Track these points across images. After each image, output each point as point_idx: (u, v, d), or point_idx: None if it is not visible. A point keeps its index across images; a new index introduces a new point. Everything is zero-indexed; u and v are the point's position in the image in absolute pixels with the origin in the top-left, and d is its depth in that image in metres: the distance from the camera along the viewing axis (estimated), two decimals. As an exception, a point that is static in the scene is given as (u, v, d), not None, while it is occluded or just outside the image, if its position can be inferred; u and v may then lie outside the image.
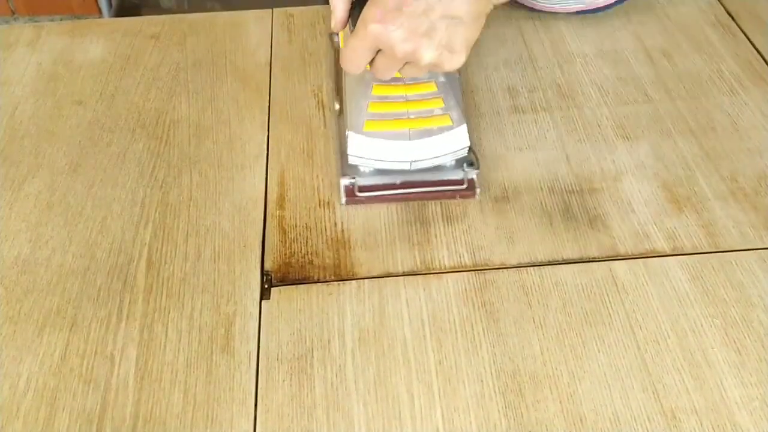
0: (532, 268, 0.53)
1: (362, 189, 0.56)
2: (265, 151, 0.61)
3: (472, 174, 0.57)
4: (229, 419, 0.45)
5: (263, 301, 0.51)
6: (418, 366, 0.47)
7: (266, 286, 0.52)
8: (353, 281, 0.52)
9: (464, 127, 0.55)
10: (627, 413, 0.45)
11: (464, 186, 0.56)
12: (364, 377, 0.47)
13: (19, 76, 0.69)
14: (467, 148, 0.56)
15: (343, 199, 0.56)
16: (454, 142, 0.55)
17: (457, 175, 0.57)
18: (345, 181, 0.56)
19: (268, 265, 0.53)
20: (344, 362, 0.48)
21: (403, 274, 0.53)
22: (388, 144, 0.54)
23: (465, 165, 0.57)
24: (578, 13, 0.73)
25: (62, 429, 0.45)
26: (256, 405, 0.46)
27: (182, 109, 0.66)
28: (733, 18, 0.74)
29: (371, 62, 0.51)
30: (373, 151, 0.54)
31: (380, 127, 0.54)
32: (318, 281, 0.52)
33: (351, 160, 0.56)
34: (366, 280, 0.52)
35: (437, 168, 0.56)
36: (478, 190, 0.57)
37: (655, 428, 0.44)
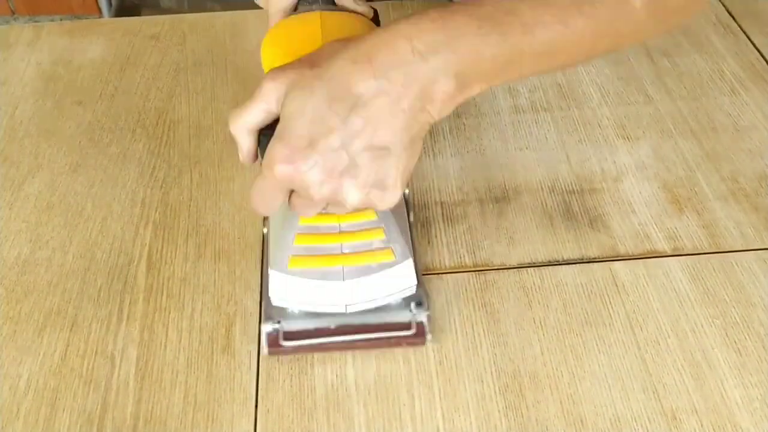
0: (532, 268, 0.53)
1: (289, 336, 0.47)
2: (266, 151, 0.61)
3: (422, 316, 0.47)
4: (230, 419, 0.45)
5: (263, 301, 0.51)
6: (419, 366, 0.47)
7: (266, 286, 0.52)
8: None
9: (410, 261, 0.46)
10: (627, 414, 0.45)
11: (412, 331, 0.47)
12: (365, 378, 0.47)
13: (19, 76, 0.69)
14: (414, 286, 0.47)
15: (265, 350, 0.47)
16: (398, 281, 0.46)
17: (404, 318, 0.47)
18: (267, 328, 0.47)
19: (268, 266, 0.53)
20: (344, 363, 0.48)
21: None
22: (317, 285, 0.46)
23: (413, 305, 0.47)
24: None
25: (63, 429, 0.45)
26: (256, 405, 0.46)
27: (182, 109, 0.66)
28: (734, 18, 0.74)
29: (289, 199, 0.42)
30: (300, 292, 0.46)
31: (308, 264, 0.46)
32: (318, 281, 0.52)
33: (275, 302, 0.47)
34: (366, 280, 0.52)
35: (380, 308, 0.47)
36: (429, 336, 0.47)
37: (656, 429, 0.44)
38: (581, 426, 0.44)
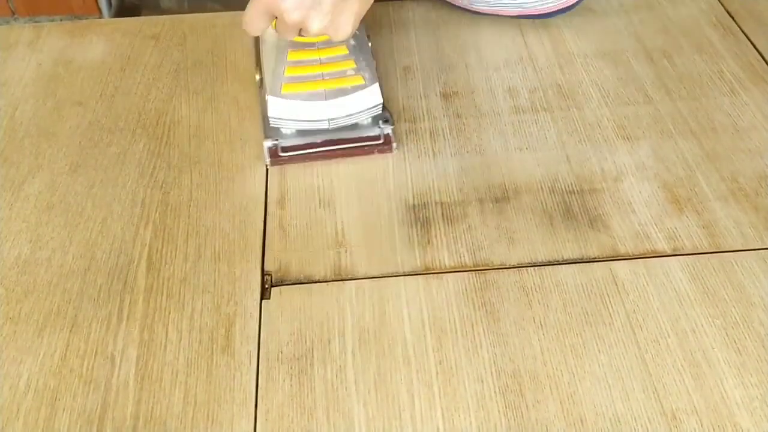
0: (532, 268, 0.53)
1: (285, 149, 0.59)
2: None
3: (388, 130, 0.60)
4: (230, 419, 0.45)
5: (263, 302, 0.51)
6: (419, 366, 0.47)
7: (266, 286, 0.52)
8: (353, 281, 0.52)
9: (377, 85, 0.58)
10: (627, 414, 0.45)
11: (381, 141, 0.60)
12: (365, 377, 0.47)
13: (19, 77, 0.69)
14: (381, 106, 0.59)
15: (267, 160, 0.59)
16: (368, 100, 0.58)
17: (374, 132, 0.60)
18: (268, 143, 0.59)
19: (268, 266, 0.53)
20: (344, 362, 0.48)
21: (404, 274, 0.53)
22: (305, 105, 0.57)
23: (381, 122, 0.60)
24: (518, 17, 0.73)
25: (62, 429, 0.45)
26: (256, 405, 0.46)
27: (182, 109, 0.66)
28: (733, 18, 0.74)
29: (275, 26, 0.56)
30: (292, 112, 0.58)
31: (297, 89, 0.57)
32: (318, 281, 0.52)
33: (272, 123, 0.59)
34: (366, 280, 0.52)
35: (355, 126, 0.60)
36: (394, 145, 0.61)
37: (656, 429, 0.44)
38: (581, 426, 0.44)
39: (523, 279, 0.52)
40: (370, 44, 0.64)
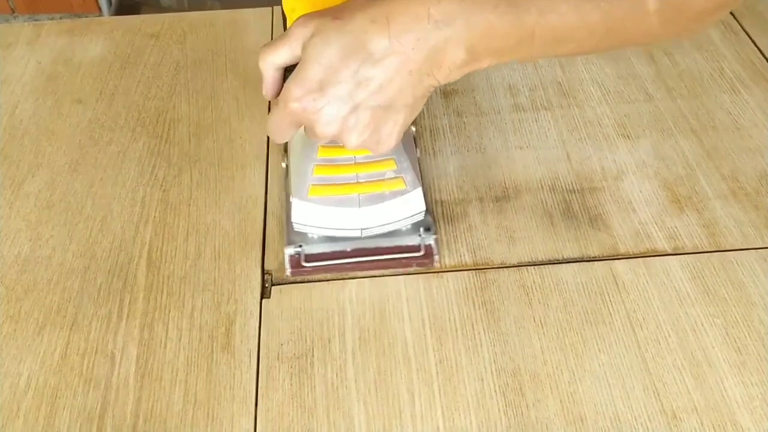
0: (532, 267, 0.53)
1: (310, 258, 0.52)
2: (266, 150, 0.61)
3: (430, 240, 0.52)
4: (230, 418, 0.45)
5: (264, 300, 0.51)
6: (419, 365, 0.47)
7: (267, 284, 0.52)
8: (354, 280, 0.52)
9: (419, 190, 0.50)
10: (627, 413, 0.45)
11: (421, 253, 0.52)
12: (365, 376, 0.47)
13: (19, 75, 0.69)
14: (423, 212, 0.52)
15: (288, 271, 0.52)
16: (409, 207, 0.50)
17: (413, 241, 0.52)
18: (290, 251, 0.52)
19: (268, 264, 0.53)
20: (344, 361, 0.48)
21: (404, 273, 0.53)
22: (335, 211, 0.49)
23: (422, 230, 0.52)
24: None
25: (63, 428, 0.45)
26: (256, 404, 0.46)
27: (182, 107, 0.66)
28: (734, 16, 0.74)
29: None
30: (320, 218, 0.50)
31: (326, 192, 0.49)
32: (318, 280, 0.52)
33: (296, 228, 0.51)
34: (366, 279, 0.52)
35: (392, 233, 0.52)
36: (436, 257, 0.52)
37: (656, 428, 0.44)
38: (581, 425, 0.44)
39: (523, 278, 0.52)
40: (413, 128, 0.57)
